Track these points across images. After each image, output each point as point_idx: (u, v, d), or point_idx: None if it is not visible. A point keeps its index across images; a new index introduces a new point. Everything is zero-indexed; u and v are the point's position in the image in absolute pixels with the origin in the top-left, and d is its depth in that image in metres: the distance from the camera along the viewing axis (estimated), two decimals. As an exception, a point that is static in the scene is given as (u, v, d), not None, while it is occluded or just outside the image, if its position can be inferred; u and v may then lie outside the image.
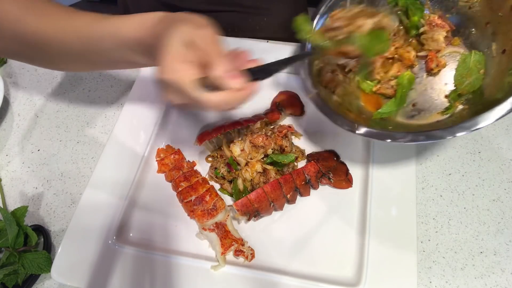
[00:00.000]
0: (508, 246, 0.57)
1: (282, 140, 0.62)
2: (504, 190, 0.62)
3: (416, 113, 0.59)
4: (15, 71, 0.81)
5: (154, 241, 0.58)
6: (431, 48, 0.61)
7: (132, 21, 0.48)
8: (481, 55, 0.57)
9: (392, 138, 0.51)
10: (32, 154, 0.70)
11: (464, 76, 0.57)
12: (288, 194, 0.57)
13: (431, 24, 0.61)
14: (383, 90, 0.61)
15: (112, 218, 0.58)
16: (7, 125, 0.73)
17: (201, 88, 0.40)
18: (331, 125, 0.67)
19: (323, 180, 0.60)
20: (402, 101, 0.59)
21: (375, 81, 0.62)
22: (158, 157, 0.64)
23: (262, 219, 0.59)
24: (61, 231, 0.62)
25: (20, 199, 0.65)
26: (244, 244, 0.56)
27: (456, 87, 0.58)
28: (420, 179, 0.64)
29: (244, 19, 0.84)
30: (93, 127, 0.73)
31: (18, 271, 0.55)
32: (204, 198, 0.58)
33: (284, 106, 0.68)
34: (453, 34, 0.61)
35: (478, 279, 0.55)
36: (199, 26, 0.43)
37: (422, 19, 0.61)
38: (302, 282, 0.52)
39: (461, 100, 0.57)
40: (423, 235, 0.59)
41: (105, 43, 0.49)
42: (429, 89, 0.61)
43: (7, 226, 0.55)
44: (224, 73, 0.40)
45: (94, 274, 0.53)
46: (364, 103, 0.61)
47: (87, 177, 0.66)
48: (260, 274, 0.53)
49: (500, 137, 0.68)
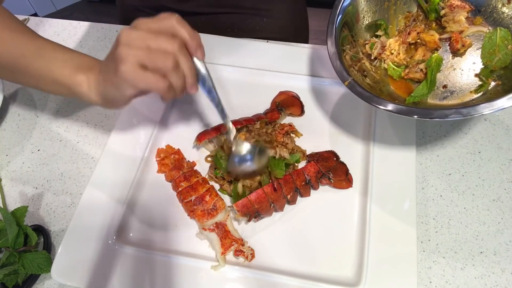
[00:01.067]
0: (508, 246, 0.57)
1: (283, 137, 0.62)
2: (504, 190, 0.62)
3: (449, 94, 0.59)
4: (15, 71, 0.81)
5: (154, 241, 0.58)
6: (453, 29, 0.61)
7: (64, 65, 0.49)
8: (507, 31, 0.57)
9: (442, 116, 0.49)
10: (32, 154, 0.70)
11: (492, 53, 0.58)
12: (288, 195, 0.57)
13: (451, 6, 0.61)
14: (412, 74, 0.61)
15: (112, 218, 0.58)
16: (7, 125, 0.73)
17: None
18: (331, 125, 0.67)
19: (323, 181, 0.61)
20: (433, 83, 0.59)
21: (402, 66, 0.62)
22: (158, 157, 0.64)
23: (262, 219, 0.59)
24: (61, 231, 0.62)
25: (20, 199, 0.65)
26: (244, 244, 0.56)
27: (485, 64, 0.58)
28: (420, 179, 0.64)
29: (244, 20, 0.84)
30: (93, 127, 0.73)
31: (18, 271, 0.54)
32: (204, 198, 0.58)
33: (284, 106, 0.68)
34: (473, 14, 0.62)
35: (478, 279, 0.55)
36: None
37: (441, 2, 0.62)
38: (302, 282, 0.52)
39: (493, 76, 0.57)
40: (423, 235, 0.59)
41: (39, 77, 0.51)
42: (458, 69, 0.61)
43: (7, 226, 0.55)
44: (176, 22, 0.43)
45: (94, 274, 0.53)
46: (395, 89, 0.61)
47: (87, 177, 0.66)
48: (260, 274, 0.53)
49: (500, 137, 0.68)
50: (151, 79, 0.43)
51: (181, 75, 0.45)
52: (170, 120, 0.69)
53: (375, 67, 0.63)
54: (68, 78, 0.49)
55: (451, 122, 0.70)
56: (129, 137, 0.65)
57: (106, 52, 0.82)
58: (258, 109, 0.68)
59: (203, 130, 0.64)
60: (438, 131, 0.69)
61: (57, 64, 0.49)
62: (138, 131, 0.66)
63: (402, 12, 0.66)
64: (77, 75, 0.48)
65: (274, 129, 0.63)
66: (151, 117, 0.68)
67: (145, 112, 0.68)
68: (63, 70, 0.49)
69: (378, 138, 0.63)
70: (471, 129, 0.69)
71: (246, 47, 0.75)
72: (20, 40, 0.50)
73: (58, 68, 0.49)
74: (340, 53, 0.59)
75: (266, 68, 0.73)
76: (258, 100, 0.71)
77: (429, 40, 0.62)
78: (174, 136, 0.68)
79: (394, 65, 0.62)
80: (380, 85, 0.61)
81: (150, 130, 0.66)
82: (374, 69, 0.63)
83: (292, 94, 0.70)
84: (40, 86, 0.53)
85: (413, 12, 0.65)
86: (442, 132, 0.69)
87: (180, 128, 0.69)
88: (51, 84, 0.51)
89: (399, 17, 0.65)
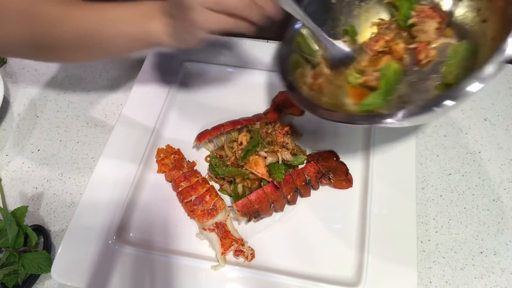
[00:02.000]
0: (508, 246, 0.58)
1: (283, 137, 0.62)
2: (504, 190, 0.62)
3: (403, 105, 0.56)
4: (15, 71, 0.81)
5: (154, 241, 0.58)
6: (422, 40, 0.59)
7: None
8: (471, 45, 0.55)
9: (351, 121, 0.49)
10: (32, 154, 0.70)
11: (454, 66, 0.56)
12: (288, 195, 0.57)
13: (420, 15, 0.59)
14: (369, 82, 0.59)
15: (112, 218, 0.58)
16: (7, 125, 0.73)
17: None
18: (331, 125, 0.67)
19: (323, 181, 0.61)
20: (388, 93, 0.57)
21: (361, 73, 0.60)
22: (158, 157, 0.64)
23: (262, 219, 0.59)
24: (61, 231, 0.62)
25: (20, 199, 0.65)
26: (244, 244, 0.56)
27: (445, 77, 0.56)
28: (420, 179, 0.64)
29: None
30: (93, 127, 0.73)
31: (18, 271, 0.54)
32: (204, 198, 0.58)
33: (284, 106, 0.68)
34: (447, 24, 0.60)
35: (478, 279, 0.55)
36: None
37: (412, 11, 0.60)
38: (302, 282, 0.52)
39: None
40: (423, 235, 0.59)
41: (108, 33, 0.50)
42: (419, 81, 0.59)
43: (7, 226, 0.55)
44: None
45: (94, 274, 0.53)
46: (352, 97, 0.59)
47: (87, 177, 0.66)
48: (260, 274, 0.53)
49: (500, 137, 0.68)
50: (222, 22, 0.44)
51: (254, 8, 0.44)
52: (170, 120, 0.69)
53: (336, 72, 0.62)
54: (144, 34, 0.49)
55: (451, 122, 0.70)
56: (129, 137, 0.65)
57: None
58: (258, 109, 0.68)
59: (203, 130, 0.64)
60: (438, 131, 0.69)
61: (128, 23, 0.49)
62: (138, 131, 0.66)
63: (374, 19, 0.64)
64: (148, 27, 0.49)
65: (274, 129, 0.63)
66: (151, 117, 0.68)
67: (145, 112, 0.68)
68: (134, 27, 0.49)
69: (378, 138, 0.63)
70: (471, 129, 0.69)
71: (246, 47, 0.75)
72: (84, 13, 0.50)
73: (130, 26, 0.49)
74: (288, 54, 0.59)
75: (266, 68, 0.73)
76: (258, 100, 0.71)
77: (394, 49, 0.60)
78: (174, 136, 0.67)
79: (355, 72, 0.60)
80: (337, 92, 0.60)
81: (150, 130, 0.66)
82: (334, 74, 0.61)
83: (292, 94, 0.70)
84: (115, 51, 0.53)
85: (386, 20, 0.64)
86: (442, 132, 0.69)
87: (180, 128, 0.69)
88: (127, 44, 0.51)
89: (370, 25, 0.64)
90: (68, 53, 0.54)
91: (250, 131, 0.63)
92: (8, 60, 0.82)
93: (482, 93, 0.74)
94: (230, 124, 0.63)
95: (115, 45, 0.52)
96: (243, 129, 0.64)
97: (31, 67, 0.81)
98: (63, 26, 0.49)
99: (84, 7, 0.50)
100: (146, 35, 0.50)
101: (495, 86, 0.74)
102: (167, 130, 0.68)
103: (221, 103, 0.71)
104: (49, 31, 0.49)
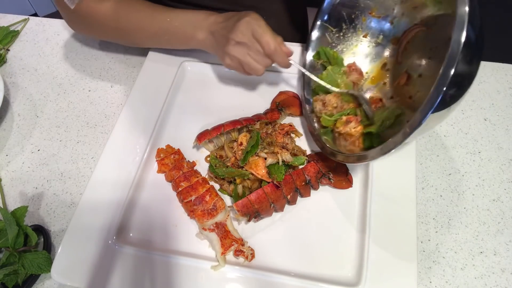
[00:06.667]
0: (508, 246, 0.58)
1: (283, 137, 0.61)
2: (504, 190, 0.62)
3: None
4: (15, 71, 0.81)
5: (154, 241, 0.58)
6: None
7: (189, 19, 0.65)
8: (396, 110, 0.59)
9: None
10: (32, 154, 0.70)
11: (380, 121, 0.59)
12: (288, 195, 0.57)
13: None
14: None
15: (112, 218, 0.58)
16: (7, 125, 0.73)
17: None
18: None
19: (323, 181, 0.60)
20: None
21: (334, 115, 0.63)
22: (158, 157, 0.64)
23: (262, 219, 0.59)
24: (61, 231, 0.62)
25: (20, 199, 0.65)
26: (244, 244, 0.56)
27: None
28: (420, 179, 0.64)
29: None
30: (93, 127, 0.73)
31: (18, 271, 0.54)
32: (204, 198, 0.58)
33: (284, 106, 0.68)
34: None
35: (478, 279, 0.55)
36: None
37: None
38: (302, 282, 0.52)
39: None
40: (423, 235, 0.59)
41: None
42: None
43: (7, 226, 0.55)
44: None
45: (94, 274, 0.53)
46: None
47: (87, 177, 0.66)
48: (260, 274, 0.53)
49: (500, 137, 0.68)
50: (241, 70, 0.63)
51: (269, 62, 0.62)
52: (170, 120, 0.69)
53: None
54: (191, 37, 0.65)
55: (452, 122, 0.70)
56: (129, 137, 0.65)
57: (107, 52, 0.81)
58: (258, 109, 0.68)
59: (203, 130, 0.64)
60: (438, 131, 0.69)
61: (186, 25, 0.65)
62: (138, 131, 0.66)
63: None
64: (196, 34, 0.64)
65: (274, 129, 0.63)
66: (151, 117, 0.68)
67: (145, 112, 0.68)
68: (191, 30, 0.64)
69: (378, 138, 0.63)
70: (471, 129, 0.69)
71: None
72: (159, 15, 0.66)
73: (188, 28, 0.65)
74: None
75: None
76: (258, 100, 0.71)
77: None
78: (174, 136, 0.68)
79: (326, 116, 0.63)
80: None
81: (150, 130, 0.66)
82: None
83: (292, 94, 0.70)
84: (176, 45, 0.69)
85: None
86: (442, 132, 0.69)
87: (180, 128, 0.69)
88: (180, 40, 0.67)
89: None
90: (140, 41, 0.71)
91: (250, 131, 0.63)
92: (8, 60, 0.82)
93: (482, 93, 0.74)
94: (230, 124, 0.63)
95: (176, 41, 0.68)
96: (243, 129, 0.64)
97: (31, 67, 0.81)
98: (140, 23, 0.67)
99: (158, 10, 0.66)
100: (194, 40, 0.65)
101: (495, 86, 0.74)
102: (167, 130, 0.68)
103: (221, 103, 0.71)
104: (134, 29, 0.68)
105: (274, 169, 0.57)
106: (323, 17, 0.68)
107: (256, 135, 0.59)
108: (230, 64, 0.62)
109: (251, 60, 0.60)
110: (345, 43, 0.69)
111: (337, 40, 0.69)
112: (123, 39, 0.72)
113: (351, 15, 0.67)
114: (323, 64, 0.68)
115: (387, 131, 0.57)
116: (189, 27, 0.64)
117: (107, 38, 0.75)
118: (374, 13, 0.65)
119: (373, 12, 0.65)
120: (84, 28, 0.72)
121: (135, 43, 0.74)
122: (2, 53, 0.83)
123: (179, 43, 0.69)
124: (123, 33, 0.69)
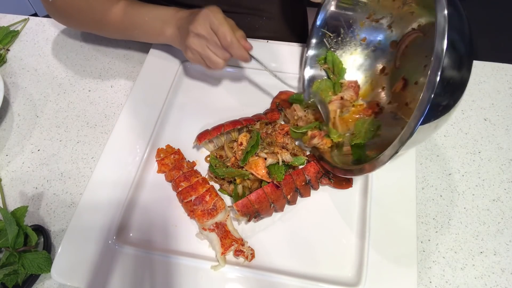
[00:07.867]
0: (508, 246, 0.58)
1: (283, 137, 0.61)
2: (504, 190, 0.62)
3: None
4: (15, 71, 0.81)
5: (154, 241, 0.58)
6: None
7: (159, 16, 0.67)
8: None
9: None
10: (32, 154, 0.70)
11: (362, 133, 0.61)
12: (288, 195, 0.57)
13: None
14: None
15: (112, 218, 0.58)
16: (7, 125, 0.73)
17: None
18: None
19: (323, 181, 0.60)
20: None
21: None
22: (158, 157, 0.64)
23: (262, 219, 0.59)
24: (61, 231, 0.62)
25: (20, 199, 0.65)
26: (244, 244, 0.56)
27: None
28: (420, 179, 0.64)
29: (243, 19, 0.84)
30: (93, 127, 0.73)
31: (18, 271, 0.54)
32: (204, 198, 0.58)
33: (284, 106, 0.68)
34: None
35: (478, 279, 0.55)
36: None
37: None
38: (302, 282, 0.52)
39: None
40: (423, 235, 0.59)
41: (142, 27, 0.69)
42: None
43: (7, 226, 0.55)
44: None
45: (94, 274, 0.53)
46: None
47: (87, 177, 0.66)
48: (260, 274, 0.53)
49: (500, 137, 0.68)
50: (203, 64, 0.63)
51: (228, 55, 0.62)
52: (170, 120, 0.69)
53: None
54: (160, 32, 0.66)
55: (452, 122, 0.70)
56: (129, 137, 0.65)
57: (107, 51, 0.81)
58: (258, 109, 0.68)
59: (203, 130, 0.64)
60: (438, 131, 0.69)
61: (156, 21, 0.66)
62: (138, 131, 0.66)
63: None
64: (164, 29, 0.66)
65: (274, 129, 0.63)
66: (151, 117, 0.68)
67: (145, 112, 0.68)
68: (160, 25, 0.66)
69: (378, 138, 0.63)
70: (471, 129, 0.69)
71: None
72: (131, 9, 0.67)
73: (157, 24, 0.66)
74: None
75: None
76: (258, 100, 0.71)
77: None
78: (174, 136, 0.68)
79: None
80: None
81: (150, 130, 0.66)
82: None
83: (292, 94, 0.70)
84: (145, 38, 0.71)
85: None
86: (442, 132, 0.69)
87: (180, 128, 0.69)
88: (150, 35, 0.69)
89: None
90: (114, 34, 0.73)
91: (250, 131, 0.63)
92: (8, 60, 0.82)
93: (482, 93, 0.74)
94: (230, 124, 0.63)
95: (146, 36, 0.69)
96: (243, 129, 0.64)
97: (31, 67, 0.81)
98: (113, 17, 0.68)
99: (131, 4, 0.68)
100: (163, 35, 0.66)
101: (495, 86, 0.74)
102: (167, 130, 0.68)
103: (221, 103, 0.71)
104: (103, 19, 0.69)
105: (274, 169, 0.57)
106: (321, 23, 0.68)
107: (256, 135, 0.59)
108: (192, 57, 0.62)
109: (210, 53, 0.60)
110: (344, 48, 0.69)
111: (336, 45, 0.69)
112: (99, 31, 0.74)
113: (348, 20, 0.67)
114: (325, 69, 0.69)
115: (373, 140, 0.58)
116: (159, 22, 0.66)
117: (86, 29, 0.78)
118: (372, 17, 0.64)
119: (370, 17, 0.65)
120: (63, 19, 0.75)
121: (110, 35, 0.74)
122: (2, 53, 0.83)
123: (149, 38, 0.70)
124: (99, 25, 0.71)
